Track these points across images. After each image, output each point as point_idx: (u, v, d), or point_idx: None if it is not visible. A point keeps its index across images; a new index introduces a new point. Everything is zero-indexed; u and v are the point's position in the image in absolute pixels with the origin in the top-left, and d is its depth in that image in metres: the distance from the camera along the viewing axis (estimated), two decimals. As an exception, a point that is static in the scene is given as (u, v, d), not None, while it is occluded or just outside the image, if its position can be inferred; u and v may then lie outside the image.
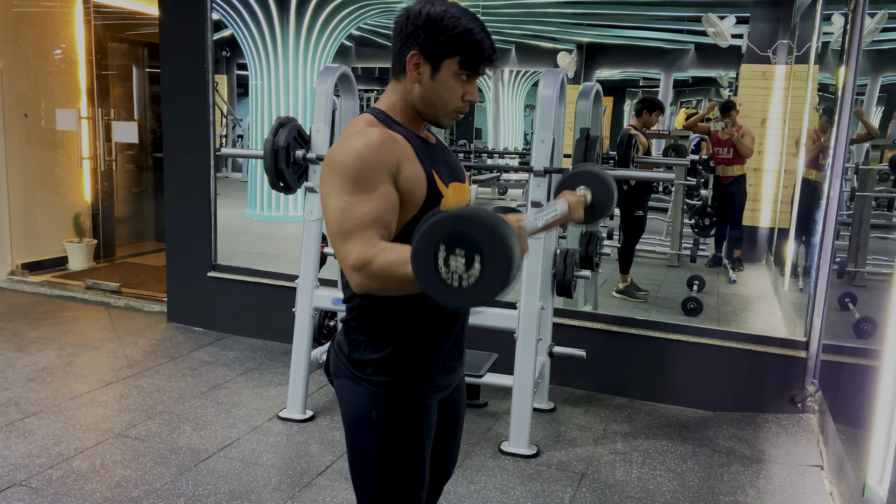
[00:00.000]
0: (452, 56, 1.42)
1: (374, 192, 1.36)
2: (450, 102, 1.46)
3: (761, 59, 6.00)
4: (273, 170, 3.26)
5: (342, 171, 1.37)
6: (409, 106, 1.48)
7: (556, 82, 3.07)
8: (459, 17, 1.41)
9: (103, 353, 4.19)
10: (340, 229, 1.36)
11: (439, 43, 1.41)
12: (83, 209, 6.10)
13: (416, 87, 1.45)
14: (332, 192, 1.38)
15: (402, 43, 1.44)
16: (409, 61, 1.44)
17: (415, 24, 1.42)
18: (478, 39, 1.42)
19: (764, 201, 6.03)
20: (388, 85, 1.51)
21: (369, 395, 1.51)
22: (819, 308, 3.57)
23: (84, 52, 5.96)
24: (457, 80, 1.44)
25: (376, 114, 1.48)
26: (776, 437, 3.41)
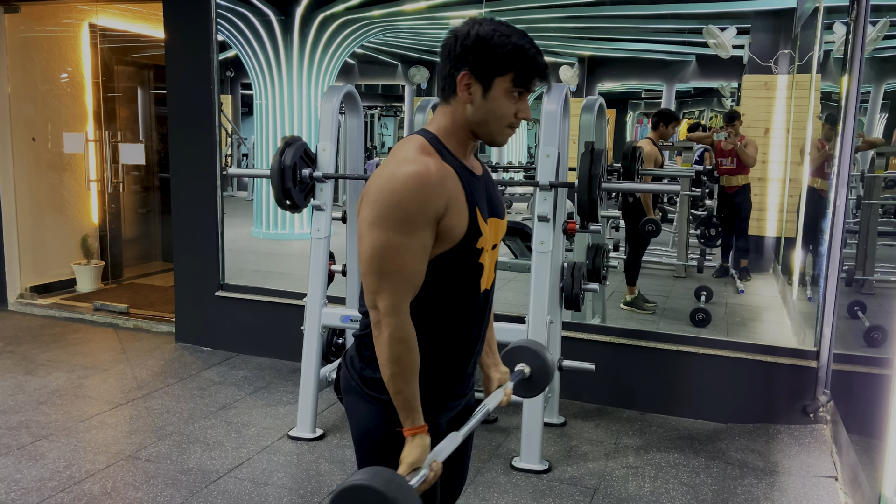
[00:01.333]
0: (505, 73, 1.40)
1: (417, 236, 1.36)
2: (503, 120, 1.44)
3: (763, 69, 6.02)
4: (280, 189, 3.27)
5: (392, 204, 1.35)
6: (460, 128, 1.46)
7: (560, 97, 3.08)
8: (509, 34, 1.40)
9: (112, 375, 4.19)
10: (379, 268, 1.37)
11: (491, 62, 1.39)
12: (91, 231, 6.14)
13: (469, 108, 1.43)
14: (377, 224, 1.36)
15: (452, 65, 1.43)
16: (459, 82, 1.42)
17: (464, 45, 1.41)
18: (530, 55, 1.41)
19: (769, 210, 6.03)
20: (437, 108, 1.50)
21: (379, 413, 1.51)
22: (828, 317, 3.55)
23: (90, 75, 6.02)
24: (509, 98, 1.42)
25: (429, 138, 1.45)
26: (789, 449, 3.38)
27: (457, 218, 1.41)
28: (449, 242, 1.42)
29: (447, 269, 1.44)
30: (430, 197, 1.36)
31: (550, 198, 3.07)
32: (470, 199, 1.44)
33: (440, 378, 1.53)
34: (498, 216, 1.56)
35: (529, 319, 3.11)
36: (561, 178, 3.14)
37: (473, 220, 1.44)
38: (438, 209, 1.37)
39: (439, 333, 1.49)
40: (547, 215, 3.07)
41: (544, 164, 3.04)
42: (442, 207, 1.38)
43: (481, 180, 1.53)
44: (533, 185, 3.07)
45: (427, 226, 1.37)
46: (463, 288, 1.49)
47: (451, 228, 1.41)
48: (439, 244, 1.41)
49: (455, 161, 1.46)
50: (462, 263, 1.46)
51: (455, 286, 1.47)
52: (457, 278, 1.47)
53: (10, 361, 4.35)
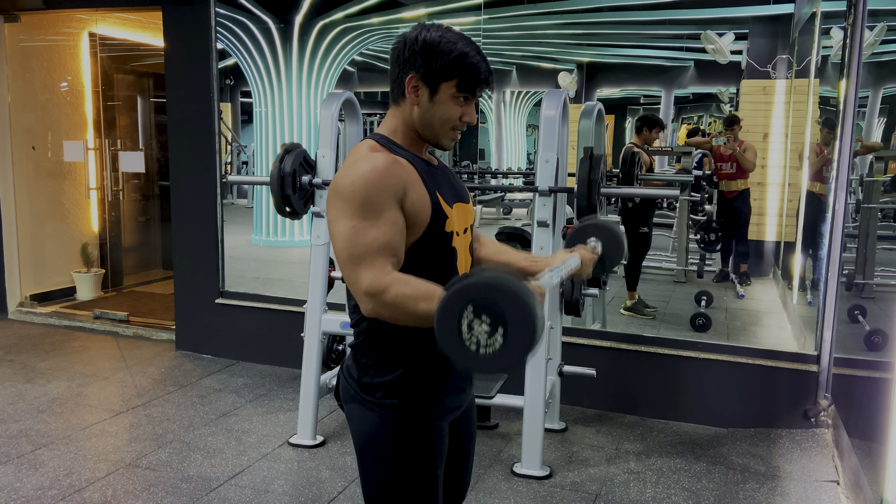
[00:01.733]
0: (450, 79, 1.45)
1: (382, 217, 1.38)
2: (448, 123, 1.49)
3: (761, 74, 6.03)
4: (280, 196, 3.28)
5: (349, 196, 1.39)
6: (409, 129, 1.51)
7: (558, 103, 3.09)
8: (455, 41, 1.45)
9: (112, 383, 4.19)
10: (350, 255, 1.38)
11: (437, 67, 1.44)
12: (90, 239, 6.14)
13: (416, 110, 1.48)
14: (340, 218, 1.40)
15: (400, 68, 1.48)
16: (407, 85, 1.47)
17: (412, 50, 1.46)
18: (473, 62, 1.45)
19: (769, 215, 6.03)
20: (388, 110, 1.54)
21: (380, 419, 1.51)
22: (829, 321, 3.55)
23: (90, 84, 6.03)
24: (455, 102, 1.47)
25: (378, 139, 1.51)
26: (791, 453, 3.37)
27: (419, 200, 1.43)
28: (417, 229, 1.44)
29: (421, 257, 1.46)
30: (385, 179, 1.39)
31: (550, 203, 3.08)
32: (428, 184, 1.47)
33: (433, 372, 1.52)
34: (463, 200, 1.58)
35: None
36: (560, 184, 3.15)
37: (436, 204, 1.46)
38: (396, 189, 1.40)
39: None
40: (546, 221, 3.07)
41: (543, 169, 3.05)
42: (399, 188, 1.41)
43: (438, 169, 1.56)
44: (532, 190, 3.08)
45: (389, 206, 1.39)
46: (441, 274, 1.48)
47: (416, 213, 1.43)
48: (410, 233, 1.44)
49: (407, 153, 1.50)
50: (435, 249, 1.48)
51: (433, 273, 1.46)
52: (433, 265, 1.48)
53: (10, 370, 4.35)
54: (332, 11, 6.98)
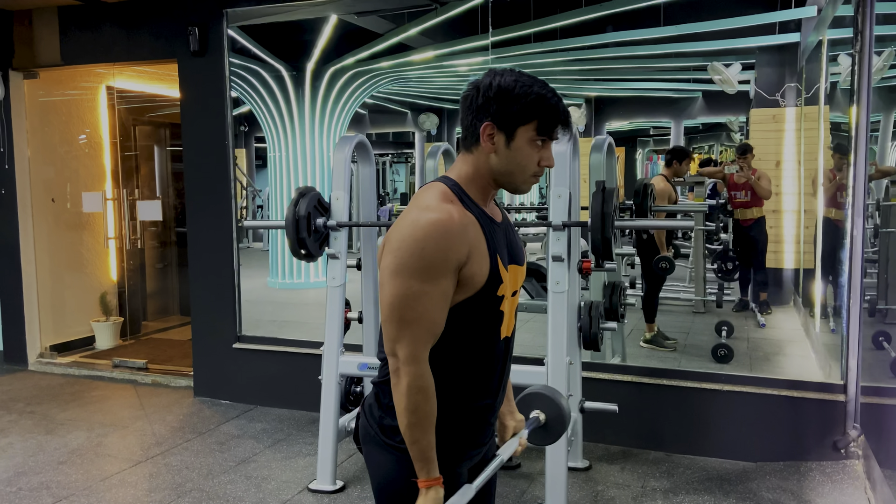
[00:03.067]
0: (528, 122, 1.42)
1: (438, 284, 1.36)
2: (527, 169, 1.45)
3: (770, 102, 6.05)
4: (295, 239, 3.30)
5: (415, 252, 1.35)
6: (482, 176, 1.47)
7: (567, 137, 3.11)
8: (531, 84, 1.43)
9: (132, 432, 4.18)
10: (401, 317, 1.37)
11: (514, 111, 1.41)
12: (109, 288, 6.20)
13: (493, 157, 1.45)
14: (399, 272, 1.37)
15: (474, 115, 1.45)
16: (482, 132, 1.43)
17: (486, 97, 1.43)
18: (552, 103, 1.42)
19: (786, 242, 5.99)
20: (458, 156, 1.51)
21: (399, 463, 1.49)
22: (854, 349, 3.49)
23: (108, 135, 6.16)
24: (532, 147, 1.44)
25: (450, 185, 1.46)
26: (822, 486, 3.28)
27: (478, 266, 1.41)
28: (470, 290, 1.42)
29: (468, 317, 1.44)
30: (453, 244, 1.36)
31: (564, 237, 3.07)
32: (491, 247, 1.44)
33: (462, 427, 1.51)
34: (517, 262, 1.55)
35: (549, 361, 3.08)
36: (573, 218, 3.14)
37: (494, 268, 1.44)
38: (461, 257, 1.38)
39: (460, 381, 1.48)
40: (561, 255, 3.06)
41: (556, 204, 3.05)
42: (464, 256, 1.38)
43: (501, 227, 1.53)
44: (546, 225, 3.08)
45: (449, 274, 1.37)
46: (484, 335, 1.48)
47: (472, 276, 1.41)
48: (460, 291, 1.41)
49: (476, 208, 1.47)
50: (483, 311, 1.45)
51: (476, 334, 1.46)
52: (477, 326, 1.46)
53: (31, 422, 4.36)
54: (343, 57, 7.12)
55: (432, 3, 4.52)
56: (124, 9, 4.98)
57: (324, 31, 6.64)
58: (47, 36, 5.31)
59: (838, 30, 4.90)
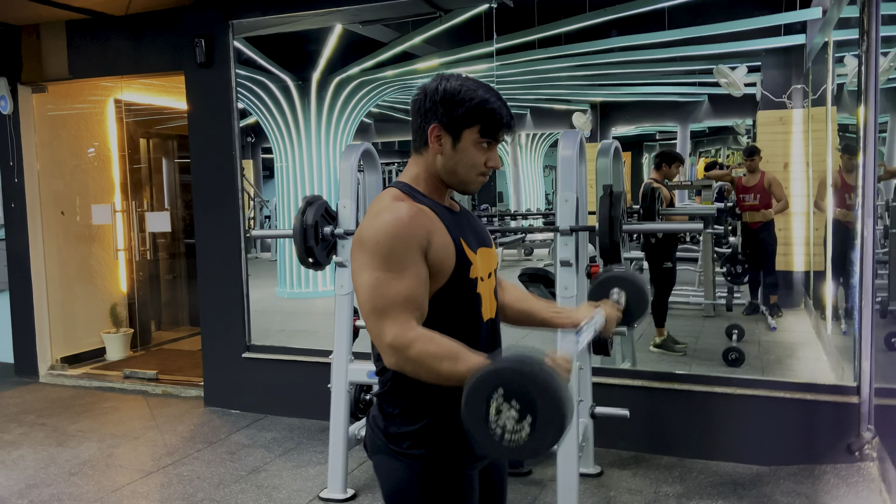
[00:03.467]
0: (472, 126, 1.47)
1: (406, 269, 1.38)
2: (473, 170, 1.50)
3: (777, 104, 6.03)
4: (303, 247, 3.31)
5: (373, 248, 1.40)
6: (432, 176, 1.52)
7: (574, 142, 3.11)
8: (475, 89, 1.48)
9: (143, 443, 4.19)
10: (374, 307, 1.39)
11: (459, 115, 1.46)
12: (119, 299, 6.22)
13: (440, 158, 1.50)
14: (364, 269, 1.41)
15: (422, 118, 1.50)
16: (430, 134, 1.49)
17: (433, 100, 1.48)
18: (494, 108, 1.47)
19: (796, 245, 5.95)
20: (409, 159, 1.55)
21: (409, 470, 1.49)
22: (866, 350, 3.46)
23: (117, 148, 6.20)
24: (478, 148, 1.49)
25: (401, 187, 1.52)
26: (836, 490, 3.25)
27: (443, 249, 1.44)
28: (442, 277, 1.44)
29: (447, 304, 1.46)
30: (409, 230, 1.40)
31: (572, 242, 3.07)
32: (452, 231, 1.47)
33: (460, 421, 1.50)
34: (486, 245, 1.59)
35: (558, 367, 3.06)
36: (581, 223, 3.14)
37: (460, 250, 1.47)
38: (420, 240, 1.41)
39: None
40: (569, 260, 3.06)
41: (563, 208, 3.05)
42: (423, 238, 1.41)
43: (460, 215, 1.57)
44: (553, 230, 3.07)
45: (414, 258, 1.40)
46: (466, 320, 1.49)
47: (440, 261, 1.43)
48: (434, 280, 1.44)
49: (429, 200, 1.51)
50: (460, 295, 1.48)
51: (458, 320, 1.48)
52: (458, 312, 1.48)
53: (42, 434, 4.37)
54: (348, 67, 7.15)
55: (436, 10, 4.53)
56: (131, 22, 5.02)
57: (329, 41, 6.68)
58: (55, 50, 5.36)
59: (844, 31, 4.89)
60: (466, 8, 4.83)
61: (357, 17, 4.74)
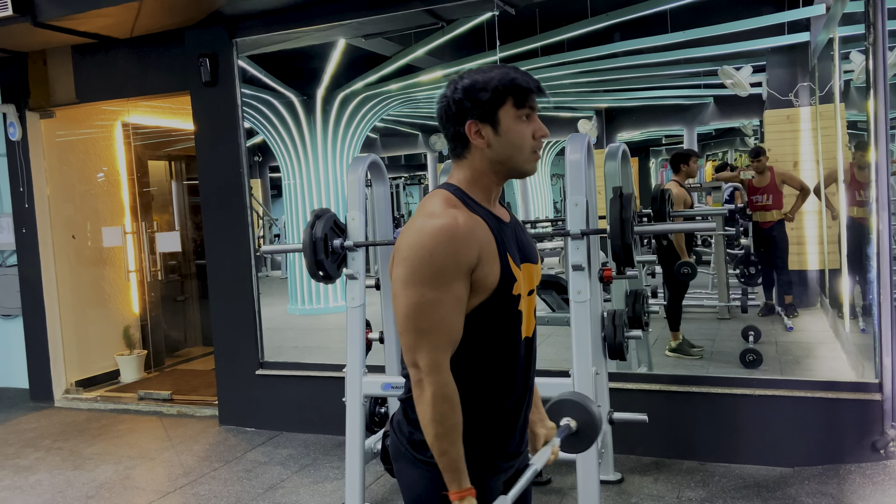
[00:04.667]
0: (504, 103, 1.43)
1: (451, 289, 1.35)
2: (524, 146, 1.46)
3: (783, 103, 5.99)
4: (313, 261, 3.30)
5: (424, 259, 1.35)
6: (482, 175, 1.47)
7: (582, 146, 3.09)
8: (489, 71, 1.45)
9: (159, 464, 4.17)
10: (416, 326, 1.36)
11: (487, 99, 1.43)
12: (132, 321, 6.23)
13: (488, 151, 1.45)
14: (410, 282, 1.36)
15: (454, 123, 1.46)
16: (469, 132, 1.44)
17: (457, 101, 1.45)
18: (516, 77, 1.44)
19: (809, 243, 5.89)
20: (452, 166, 1.51)
21: (431, 478, 1.46)
22: (887, 346, 3.40)
23: (126, 171, 6.24)
24: (520, 123, 1.45)
25: (453, 191, 1.46)
26: (863, 489, 3.19)
27: (489, 266, 1.40)
28: (484, 293, 1.40)
29: (486, 320, 1.42)
30: (461, 248, 1.35)
31: (583, 246, 3.04)
32: (501, 247, 1.43)
33: (490, 435, 1.48)
34: (531, 261, 1.54)
35: (574, 372, 3.03)
36: (591, 227, 3.11)
37: (506, 267, 1.42)
38: (471, 260, 1.37)
39: (485, 387, 1.46)
40: (581, 264, 3.03)
41: (573, 213, 3.03)
42: (474, 258, 1.37)
43: (510, 226, 1.52)
44: (564, 234, 3.05)
45: (460, 278, 1.36)
46: (504, 337, 1.46)
47: (484, 277, 1.39)
48: (475, 295, 1.40)
49: (482, 209, 1.46)
50: (500, 312, 1.44)
51: (496, 336, 1.44)
52: (497, 328, 1.44)
53: (59, 458, 4.36)
54: (352, 81, 7.17)
55: (438, 21, 4.54)
56: (136, 44, 5.06)
57: (332, 56, 6.71)
58: (62, 75, 5.41)
59: (848, 27, 4.86)
60: (468, 18, 4.83)
61: (359, 30, 4.76)
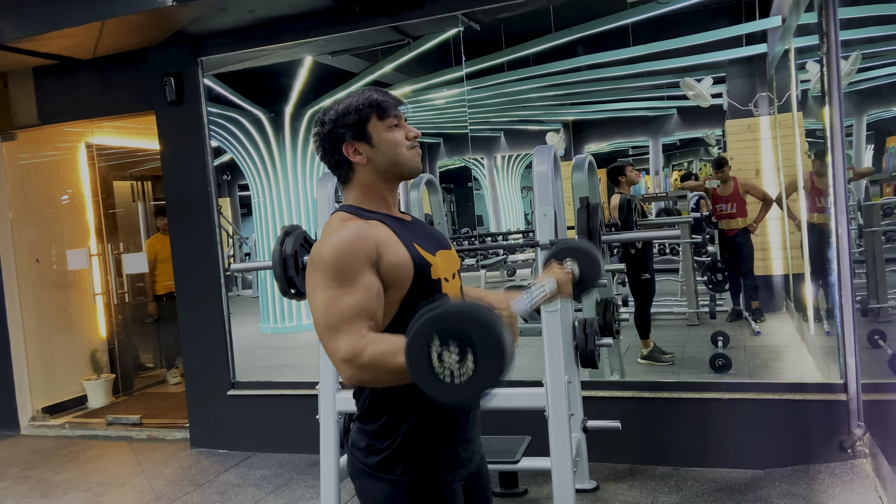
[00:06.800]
0: (369, 119, 1.53)
1: (356, 283, 1.40)
2: (399, 148, 1.55)
3: (744, 113, 6.14)
4: (283, 278, 3.28)
5: (322, 267, 1.42)
6: (373, 187, 1.56)
7: (548, 157, 3.13)
8: (347, 98, 1.56)
9: (129, 489, 4.08)
10: (327, 324, 1.39)
11: (354, 121, 1.53)
12: (99, 345, 6.12)
13: (370, 165, 1.55)
14: (316, 289, 1.42)
15: (333, 152, 1.56)
16: (347, 152, 1.54)
17: (328, 133, 1.55)
18: (373, 95, 1.55)
19: (773, 249, 6.02)
20: (343, 191, 1.60)
21: (392, 489, 1.48)
22: (850, 347, 3.49)
23: (90, 192, 6.14)
24: (390, 131, 1.54)
25: (348, 209, 1.55)
26: (832, 488, 3.25)
27: (395, 257, 1.45)
28: (403, 283, 1.46)
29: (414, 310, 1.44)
30: (356, 244, 1.42)
31: (553, 257, 3.07)
32: (404, 239, 1.50)
33: (439, 425, 1.50)
34: (445, 248, 1.61)
35: (547, 381, 3.05)
36: (560, 236, 3.15)
37: (417, 255, 1.49)
38: (370, 253, 1.42)
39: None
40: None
41: (542, 223, 3.06)
42: (372, 251, 1.43)
43: (413, 224, 1.61)
44: (534, 245, 3.08)
45: (363, 271, 1.41)
46: None
47: (394, 269, 1.45)
48: (395, 289, 1.45)
49: (378, 214, 1.54)
50: (426, 297, 1.48)
51: None
52: None
53: (26, 487, 4.25)
54: (321, 98, 7.17)
55: (405, 38, 4.58)
56: (99, 64, 5.01)
57: (299, 74, 6.71)
58: (23, 97, 5.33)
59: (803, 38, 5.01)
60: (435, 34, 4.88)
61: (326, 47, 4.78)
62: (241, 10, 4.09)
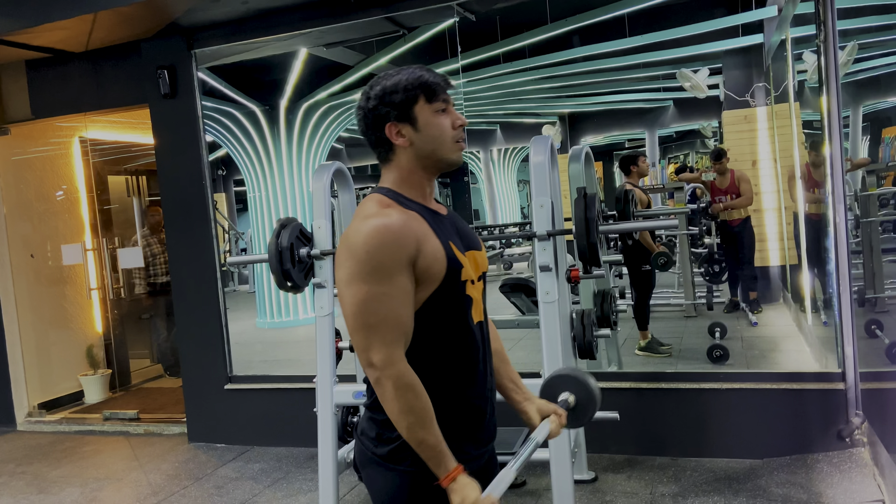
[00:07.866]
0: (417, 100, 1.47)
1: (395, 283, 1.37)
2: (445, 137, 1.49)
3: (740, 104, 6.13)
4: (279, 270, 3.26)
5: (363, 258, 1.37)
6: (412, 173, 1.50)
7: (545, 148, 3.11)
8: (395, 73, 1.49)
9: (127, 484, 4.07)
10: (365, 323, 1.38)
11: (400, 100, 1.46)
12: (95, 340, 6.09)
13: (412, 149, 1.49)
14: (353, 281, 1.38)
15: (374, 130, 1.50)
16: (390, 134, 1.48)
17: (371, 109, 1.48)
18: (422, 74, 1.48)
19: (770, 240, 6.02)
20: (382, 171, 1.54)
21: (400, 480, 1.46)
22: (848, 336, 3.48)
23: (85, 187, 6.11)
24: (437, 116, 1.48)
25: (386, 193, 1.49)
26: (830, 477, 3.25)
27: (431, 256, 1.42)
28: (433, 282, 1.43)
29: (439, 309, 1.44)
30: (399, 241, 1.38)
31: (550, 247, 3.06)
32: (441, 236, 1.46)
33: (456, 423, 1.48)
34: (475, 248, 1.57)
35: (545, 372, 3.04)
36: (557, 228, 3.13)
37: (451, 254, 1.45)
38: (410, 251, 1.39)
39: (445, 374, 1.47)
40: (549, 265, 3.04)
41: (539, 214, 3.04)
42: (413, 249, 1.39)
43: (447, 218, 1.55)
44: (531, 236, 3.06)
45: (402, 270, 1.38)
46: (457, 324, 1.48)
47: (428, 267, 1.41)
48: (424, 286, 1.42)
49: (416, 205, 1.49)
50: (451, 299, 1.46)
51: (450, 324, 1.46)
52: (449, 316, 1.47)
53: (22, 482, 4.24)
54: (315, 92, 7.15)
55: (400, 29, 4.55)
56: (92, 57, 4.98)
57: (294, 67, 6.68)
58: (16, 91, 5.29)
59: (800, 27, 5.00)
60: (430, 25, 4.85)
61: (320, 39, 4.74)
62: (235, 1, 4.05)
